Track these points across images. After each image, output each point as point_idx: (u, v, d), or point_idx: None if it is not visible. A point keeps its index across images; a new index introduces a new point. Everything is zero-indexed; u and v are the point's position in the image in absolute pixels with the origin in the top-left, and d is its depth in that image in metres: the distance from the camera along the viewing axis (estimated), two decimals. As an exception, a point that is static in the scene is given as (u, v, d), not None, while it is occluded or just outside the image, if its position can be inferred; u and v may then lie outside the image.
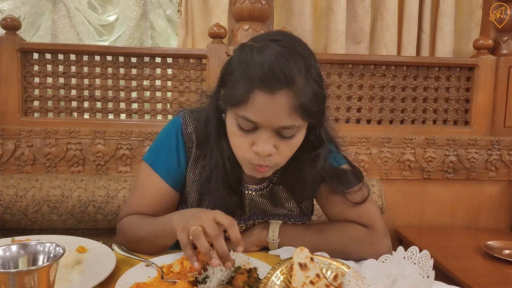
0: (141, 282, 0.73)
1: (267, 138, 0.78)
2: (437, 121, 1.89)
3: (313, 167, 0.89)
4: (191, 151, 0.94)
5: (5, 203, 1.46)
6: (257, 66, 0.75)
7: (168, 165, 0.94)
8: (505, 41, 1.86)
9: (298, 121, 0.78)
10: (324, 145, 0.89)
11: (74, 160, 1.66)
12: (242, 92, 0.76)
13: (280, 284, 0.67)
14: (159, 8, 2.31)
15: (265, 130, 0.78)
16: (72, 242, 0.90)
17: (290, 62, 0.74)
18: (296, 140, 0.82)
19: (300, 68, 0.76)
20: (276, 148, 0.80)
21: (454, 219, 1.87)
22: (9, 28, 1.65)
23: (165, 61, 1.73)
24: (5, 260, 0.58)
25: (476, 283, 1.26)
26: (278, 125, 0.77)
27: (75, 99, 1.71)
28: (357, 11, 1.96)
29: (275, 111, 0.75)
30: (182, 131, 0.94)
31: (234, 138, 0.83)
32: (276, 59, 0.74)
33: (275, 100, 0.74)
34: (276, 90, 0.74)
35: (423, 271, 0.62)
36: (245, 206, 0.97)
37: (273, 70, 0.73)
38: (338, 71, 1.81)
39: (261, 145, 0.78)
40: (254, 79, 0.74)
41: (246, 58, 0.78)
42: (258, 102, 0.75)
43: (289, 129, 0.78)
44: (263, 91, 0.74)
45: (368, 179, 1.71)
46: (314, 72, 0.80)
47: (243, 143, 0.81)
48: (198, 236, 0.72)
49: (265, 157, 0.80)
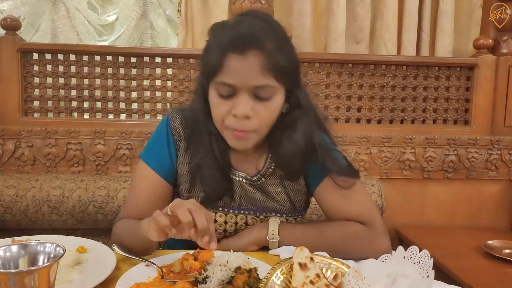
0: (142, 282, 0.73)
1: (244, 100, 0.84)
2: (437, 121, 1.89)
3: (292, 134, 0.93)
4: (179, 144, 1.00)
5: (5, 203, 1.47)
6: (228, 33, 0.84)
7: (160, 158, 0.99)
8: (505, 41, 1.86)
9: (271, 81, 0.84)
10: (302, 110, 0.93)
11: (74, 160, 1.66)
12: (217, 59, 0.83)
13: (280, 284, 0.67)
14: (159, 8, 2.31)
15: (242, 93, 0.84)
16: (72, 242, 0.90)
17: (257, 26, 0.83)
18: (273, 104, 0.87)
19: (269, 33, 0.84)
20: (255, 112, 0.85)
21: (454, 219, 1.87)
22: (9, 28, 1.65)
23: (165, 61, 1.73)
24: (6, 261, 0.58)
25: (476, 283, 1.26)
26: (253, 84, 0.83)
27: (75, 99, 1.71)
28: (357, 10, 1.96)
29: (248, 71, 0.82)
30: (170, 126, 1.00)
31: (215, 108, 0.88)
32: (244, 25, 0.84)
33: (247, 60, 0.81)
34: (246, 50, 0.81)
35: (423, 270, 0.63)
36: (235, 194, 0.98)
37: (242, 34, 0.82)
38: (338, 71, 1.81)
39: (238, 106, 0.84)
40: (225, 45, 0.83)
41: (218, 31, 0.87)
42: (232, 65, 0.82)
43: (264, 89, 0.84)
44: (235, 53, 0.82)
45: (368, 179, 1.71)
46: (282, 35, 0.87)
47: (223, 110, 0.86)
48: (179, 206, 0.73)
49: (243, 121, 0.85)
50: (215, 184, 0.94)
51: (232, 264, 0.74)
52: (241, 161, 0.99)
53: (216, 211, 0.98)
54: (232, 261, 0.75)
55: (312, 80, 1.80)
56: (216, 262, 0.75)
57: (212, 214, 0.98)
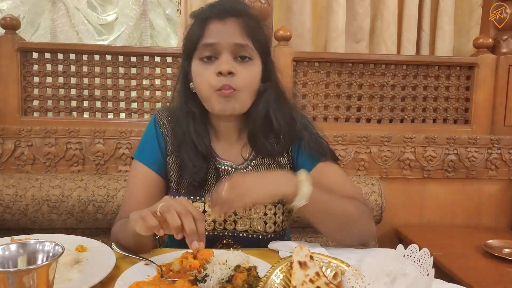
0: (141, 281, 0.73)
1: (226, 58, 0.91)
2: (437, 120, 1.88)
3: (266, 101, 0.98)
4: (167, 139, 1.04)
5: (5, 203, 1.46)
6: (208, 8, 0.95)
7: (152, 153, 1.03)
8: (505, 40, 1.86)
9: (249, 43, 0.93)
10: (271, 83, 0.99)
11: (73, 159, 1.66)
12: (198, 27, 0.93)
13: (280, 282, 0.67)
14: (158, 7, 2.31)
15: (224, 53, 0.92)
16: (71, 241, 0.90)
17: (236, 3, 0.95)
18: (252, 67, 0.95)
19: (246, 8, 0.97)
20: (236, 71, 0.92)
21: (454, 218, 1.87)
22: (9, 28, 1.64)
23: (165, 60, 1.73)
24: (4, 259, 0.57)
25: (476, 282, 1.26)
26: (233, 42, 0.91)
27: (75, 98, 1.71)
28: (357, 9, 1.95)
29: (228, 31, 0.92)
30: (158, 123, 1.05)
31: (200, 75, 0.94)
32: (225, 1, 0.95)
33: (226, 24, 0.92)
34: (226, 17, 0.92)
35: (423, 269, 0.62)
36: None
37: (222, 3, 0.94)
38: (338, 70, 1.81)
39: (222, 64, 0.91)
40: (206, 13, 0.94)
41: (198, 12, 0.97)
42: (212, 28, 0.92)
43: (244, 48, 0.92)
44: (216, 19, 0.92)
45: (368, 178, 1.71)
46: (258, 17, 0.99)
47: (208, 73, 0.92)
48: (168, 210, 0.72)
49: (227, 77, 0.91)
50: (195, 169, 0.96)
51: (232, 262, 0.74)
52: (226, 150, 1.03)
53: (205, 202, 0.99)
54: (232, 259, 0.75)
55: (312, 79, 1.80)
56: (216, 260, 0.75)
57: (201, 205, 0.99)
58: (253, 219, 1.00)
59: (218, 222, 1.00)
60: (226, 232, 1.01)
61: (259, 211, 0.99)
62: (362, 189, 1.65)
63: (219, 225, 1.00)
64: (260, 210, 1.00)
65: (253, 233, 1.01)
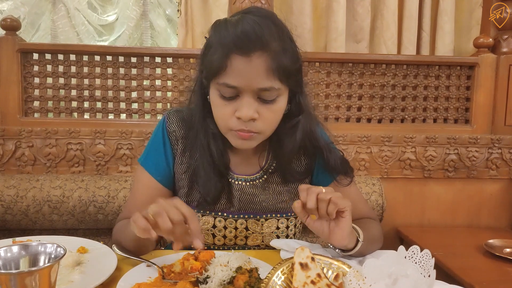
0: (142, 283, 0.73)
1: (248, 102, 0.82)
2: (438, 120, 1.88)
3: (293, 135, 0.92)
4: (176, 148, 0.98)
5: (6, 204, 1.47)
6: (231, 33, 0.80)
7: (157, 162, 0.98)
8: (506, 39, 1.86)
9: (276, 83, 0.82)
10: (304, 113, 0.93)
11: (74, 160, 1.66)
12: (220, 59, 0.80)
13: (281, 284, 0.67)
14: (158, 8, 2.31)
15: (246, 95, 0.82)
16: (73, 242, 0.90)
17: (262, 26, 0.80)
18: (277, 106, 0.86)
19: (273, 32, 0.81)
20: (259, 114, 0.83)
21: (455, 218, 1.87)
22: (9, 29, 1.64)
23: (165, 60, 1.73)
24: (7, 261, 0.58)
25: (477, 282, 1.26)
26: (257, 87, 0.81)
27: (75, 99, 1.71)
28: (357, 9, 1.95)
29: (253, 73, 0.80)
30: (167, 129, 0.98)
31: (217, 109, 0.86)
32: (249, 24, 0.80)
33: (252, 62, 0.79)
34: (251, 52, 0.79)
35: (424, 270, 0.62)
36: (233, 198, 0.96)
37: (247, 34, 0.79)
38: (338, 70, 1.81)
39: (242, 109, 0.82)
40: (229, 45, 0.80)
41: (221, 30, 0.83)
42: (236, 66, 0.80)
43: (269, 92, 0.82)
44: (239, 54, 0.79)
45: (368, 178, 1.71)
46: (287, 36, 0.86)
47: (226, 112, 0.84)
48: (160, 214, 0.70)
49: (247, 122, 0.83)
50: (210, 185, 0.92)
51: (233, 264, 0.74)
52: (240, 164, 0.99)
53: (216, 216, 0.97)
54: (233, 261, 0.75)
55: (312, 80, 1.80)
56: (217, 262, 0.75)
57: (211, 220, 0.97)
58: (265, 233, 0.99)
59: (229, 238, 0.99)
60: (236, 247, 1.00)
61: (271, 225, 0.99)
62: (362, 189, 1.65)
63: (229, 240, 0.99)
64: (272, 224, 0.99)
65: (265, 247, 1.00)
